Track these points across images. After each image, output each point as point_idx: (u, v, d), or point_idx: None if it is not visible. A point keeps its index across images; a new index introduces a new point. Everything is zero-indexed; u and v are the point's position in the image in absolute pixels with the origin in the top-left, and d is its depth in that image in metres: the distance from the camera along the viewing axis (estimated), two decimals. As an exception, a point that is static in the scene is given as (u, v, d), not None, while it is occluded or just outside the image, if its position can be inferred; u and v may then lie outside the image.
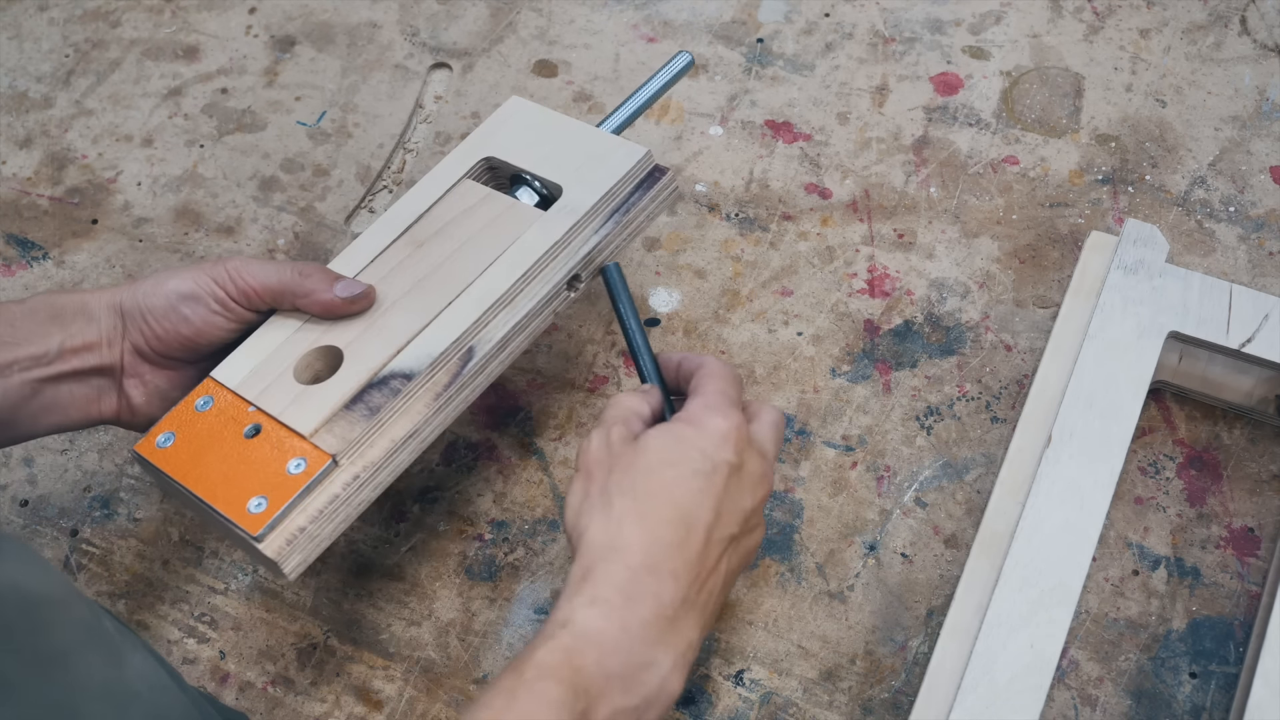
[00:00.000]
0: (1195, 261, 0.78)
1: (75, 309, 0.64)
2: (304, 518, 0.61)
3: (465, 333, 0.65)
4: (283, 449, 0.62)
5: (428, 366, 0.64)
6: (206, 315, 0.64)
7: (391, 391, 0.63)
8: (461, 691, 0.68)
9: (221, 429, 0.64)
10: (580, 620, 0.51)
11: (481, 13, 0.95)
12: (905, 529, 0.71)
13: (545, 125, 0.72)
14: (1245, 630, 0.67)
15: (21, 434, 0.64)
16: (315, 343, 0.65)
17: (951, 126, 0.85)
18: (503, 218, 0.68)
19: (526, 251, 0.67)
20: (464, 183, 0.70)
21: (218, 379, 0.65)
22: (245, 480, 0.62)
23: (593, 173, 0.69)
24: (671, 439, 0.57)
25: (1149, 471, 0.72)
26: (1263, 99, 0.85)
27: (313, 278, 0.65)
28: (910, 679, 0.67)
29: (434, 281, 0.67)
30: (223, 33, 0.96)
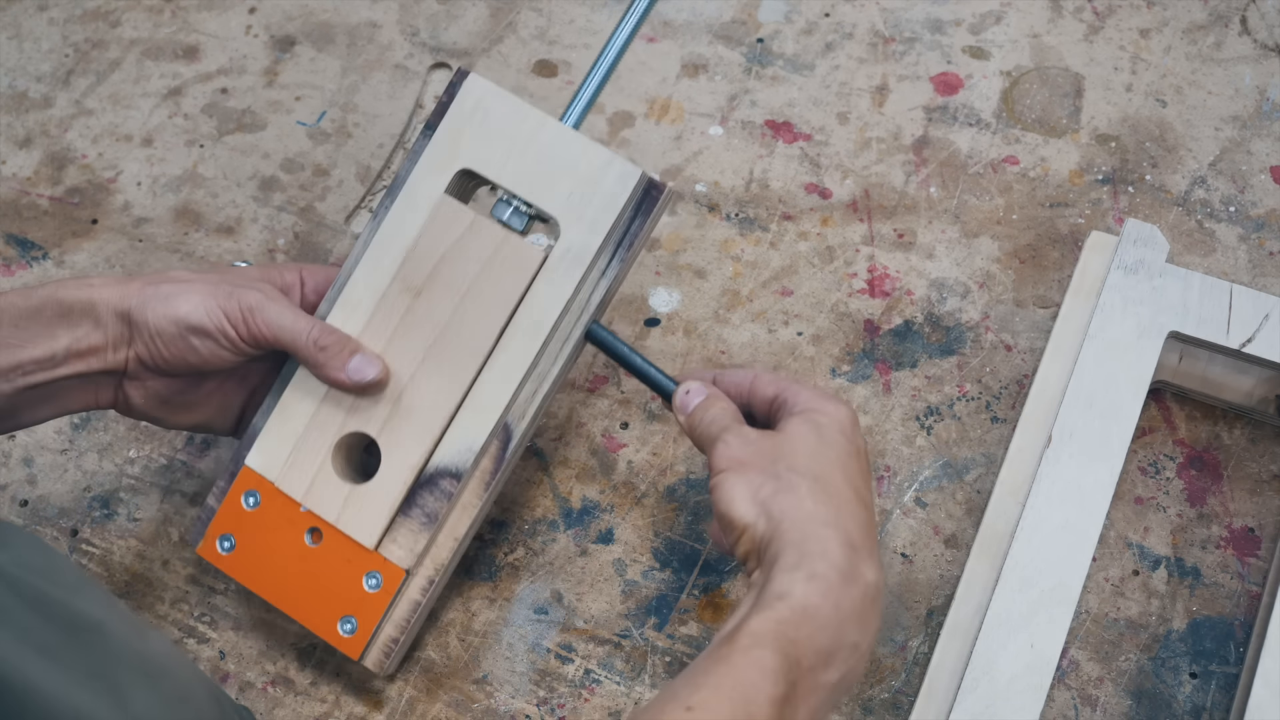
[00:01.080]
0: (1195, 261, 0.78)
1: (82, 310, 0.62)
2: (393, 629, 0.64)
3: (501, 415, 0.63)
4: (352, 562, 0.64)
5: (472, 462, 0.63)
6: (215, 350, 0.63)
7: (444, 494, 0.63)
8: (461, 691, 0.68)
9: (280, 533, 0.64)
10: (799, 595, 0.51)
11: (481, 13, 0.95)
12: (905, 529, 0.71)
13: (516, 123, 0.65)
14: (1245, 630, 0.67)
15: (17, 425, 0.64)
16: (343, 427, 0.65)
17: (951, 126, 0.85)
18: (501, 256, 0.64)
19: (542, 312, 0.63)
20: (445, 202, 0.65)
21: (255, 469, 0.65)
22: (324, 597, 0.64)
23: (588, 203, 0.63)
24: (811, 425, 0.58)
25: (1149, 471, 0.72)
26: (1263, 99, 0.85)
27: (327, 350, 0.63)
28: (910, 679, 0.67)
29: (448, 346, 0.64)
30: (223, 33, 0.96)
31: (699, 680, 0.49)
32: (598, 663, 0.68)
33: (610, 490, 0.74)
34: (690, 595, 0.70)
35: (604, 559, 0.71)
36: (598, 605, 0.70)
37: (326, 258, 0.84)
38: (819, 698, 0.51)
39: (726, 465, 0.57)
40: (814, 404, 0.59)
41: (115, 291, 0.63)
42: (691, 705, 0.48)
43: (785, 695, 0.49)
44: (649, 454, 0.75)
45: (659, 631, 0.69)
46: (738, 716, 0.48)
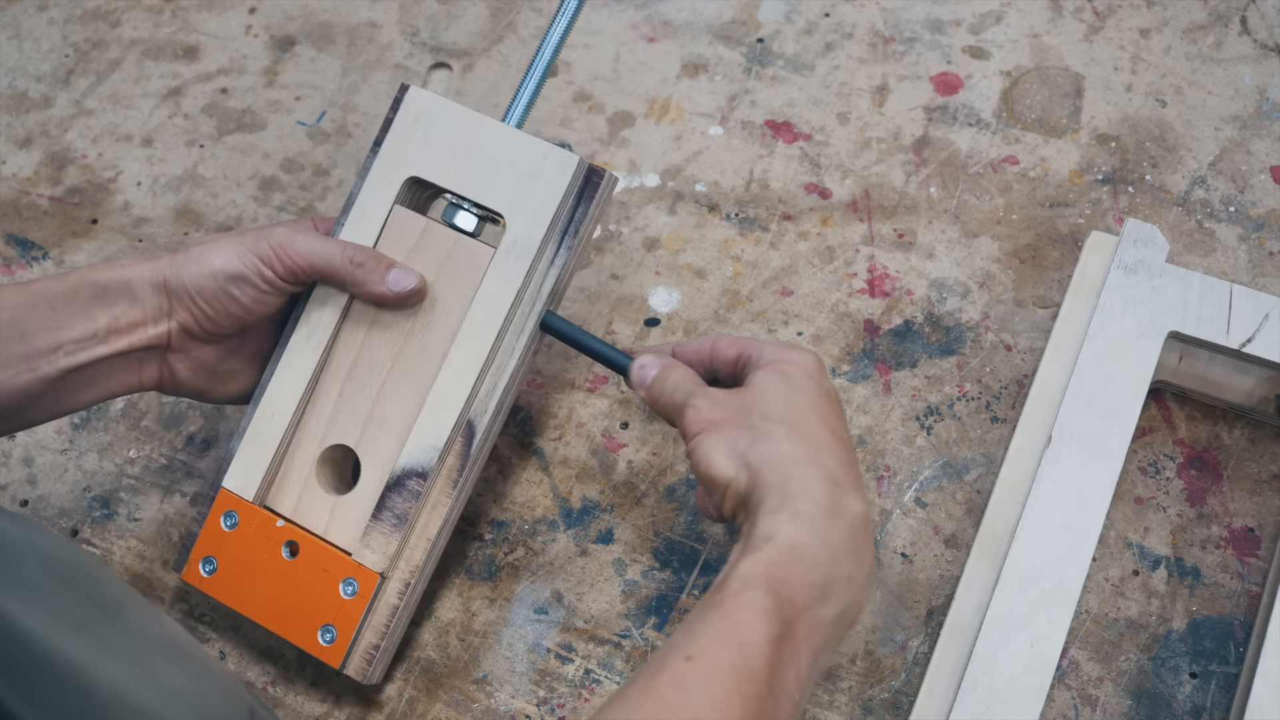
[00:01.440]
0: (1195, 261, 0.78)
1: (118, 288, 0.63)
2: (374, 635, 0.64)
3: (461, 413, 0.64)
4: (329, 571, 0.64)
5: (437, 460, 0.64)
6: (255, 294, 0.64)
7: (412, 494, 0.64)
8: (461, 691, 0.68)
9: (260, 550, 0.65)
10: (784, 535, 0.52)
11: (481, 13, 0.95)
12: (905, 529, 0.71)
13: (458, 128, 0.66)
14: (1245, 630, 0.67)
15: (61, 410, 0.64)
16: (323, 442, 0.66)
17: (951, 126, 0.85)
18: (454, 258, 0.66)
19: (493, 305, 0.64)
20: (397, 211, 0.67)
21: (232, 490, 0.66)
22: (304, 608, 0.64)
23: (529, 195, 0.65)
24: (779, 374, 0.58)
25: (1149, 471, 0.72)
26: (1263, 99, 0.85)
27: (364, 266, 0.64)
28: (910, 679, 0.67)
29: (412, 352, 0.65)
30: (223, 33, 0.96)
31: (695, 629, 0.50)
32: (598, 663, 0.68)
33: (610, 490, 0.74)
34: (690, 595, 0.70)
35: (604, 559, 0.71)
36: (598, 605, 0.70)
37: (326, 258, 0.84)
38: (821, 634, 0.52)
39: (700, 427, 0.57)
40: (778, 354, 0.60)
41: (148, 267, 0.63)
42: (690, 654, 0.49)
43: (781, 634, 0.50)
44: (649, 454, 0.75)
45: (659, 631, 0.69)
46: (735, 659, 0.49)
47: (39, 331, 0.61)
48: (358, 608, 0.64)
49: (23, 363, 0.61)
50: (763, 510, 0.53)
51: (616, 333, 0.79)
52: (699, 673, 0.48)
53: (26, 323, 0.61)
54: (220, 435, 0.77)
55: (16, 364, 0.60)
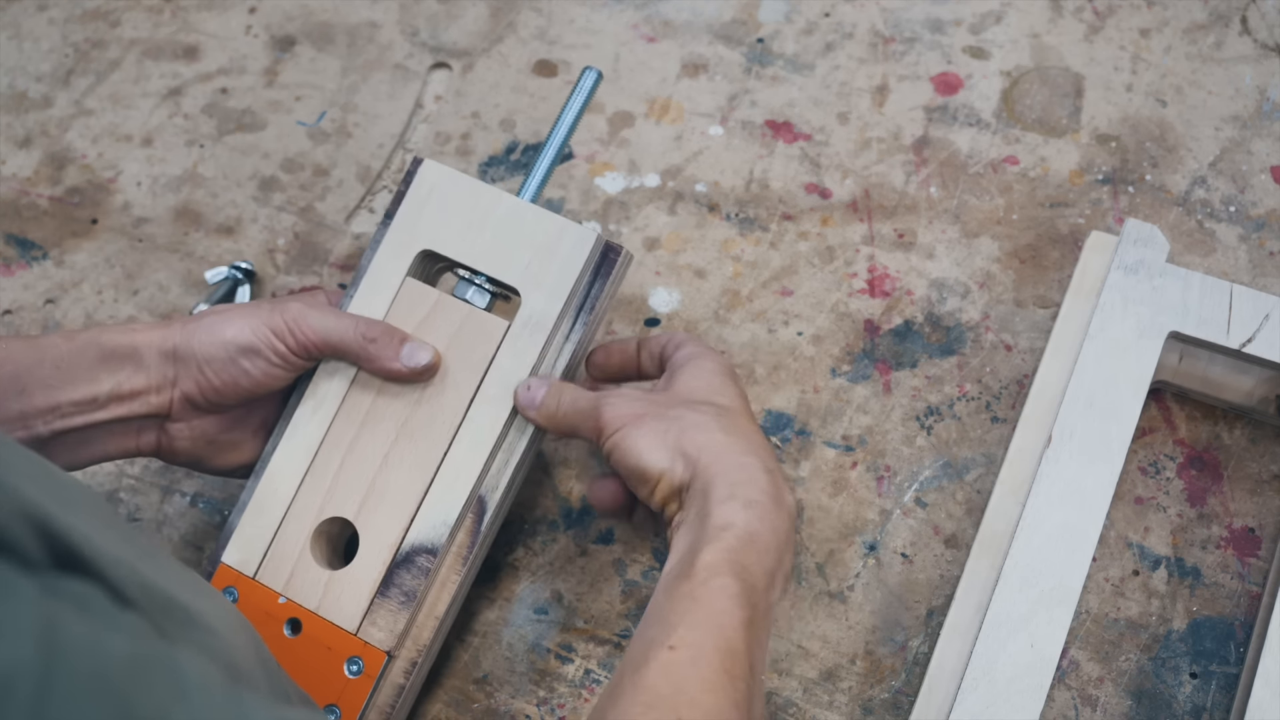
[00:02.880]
0: (1195, 261, 0.78)
1: (125, 353, 0.62)
2: (378, 716, 0.63)
3: (473, 488, 0.63)
4: (333, 649, 0.62)
5: (447, 537, 0.62)
6: (266, 368, 0.62)
7: (421, 571, 0.62)
8: (461, 691, 0.68)
9: (261, 627, 0.62)
10: (741, 523, 0.53)
11: (481, 13, 0.95)
12: (905, 529, 0.71)
13: (472, 201, 0.66)
14: (1246, 630, 0.67)
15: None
16: (320, 514, 0.64)
17: (951, 126, 0.85)
18: (466, 331, 0.65)
19: (506, 382, 0.63)
20: (409, 284, 0.66)
21: (231, 565, 0.64)
22: (307, 688, 0.61)
23: (546, 270, 0.64)
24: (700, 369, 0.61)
25: (1149, 471, 0.72)
26: (1263, 99, 0.85)
27: (378, 342, 0.63)
28: (910, 679, 0.67)
29: (419, 424, 0.64)
30: (223, 33, 0.96)
31: (671, 620, 0.51)
32: (598, 663, 0.68)
33: (610, 490, 0.74)
34: (690, 595, 0.70)
35: (604, 559, 0.71)
36: (598, 605, 0.70)
37: (326, 258, 0.84)
38: (769, 619, 0.54)
39: (621, 423, 0.58)
40: (697, 349, 0.63)
41: (157, 334, 0.62)
42: (673, 644, 0.50)
43: (750, 618, 0.52)
44: (649, 454, 0.75)
45: (659, 631, 0.69)
46: (718, 643, 0.50)
47: (40, 389, 0.60)
48: (363, 687, 0.62)
49: (18, 420, 0.59)
50: (713, 499, 0.54)
51: (616, 333, 0.79)
52: (685, 660, 0.49)
53: (28, 379, 0.60)
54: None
55: (12, 421, 0.59)
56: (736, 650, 0.50)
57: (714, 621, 0.51)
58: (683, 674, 0.49)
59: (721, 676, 0.49)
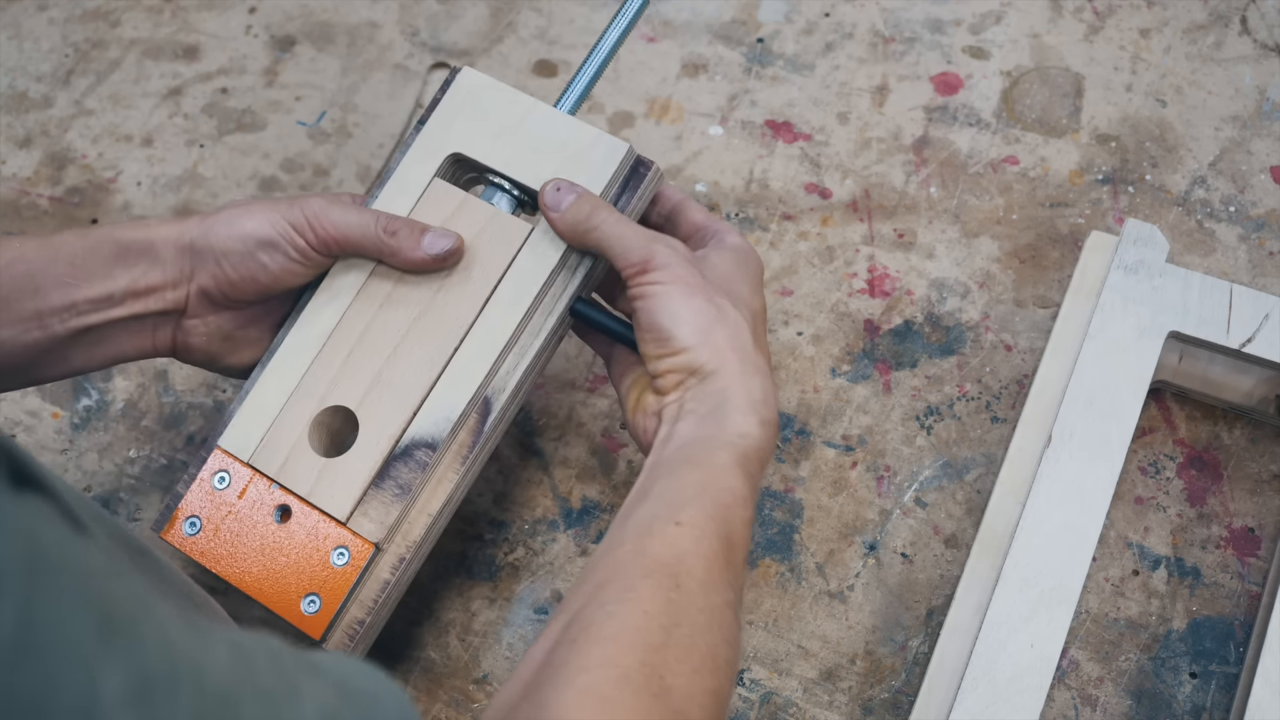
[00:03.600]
0: (1195, 261, 0.78)
1: (141, 248, 0.61)
2: (360, 610, 0.61)
3: (480, 387, 0.62)
4: (320, 537, 0.61)
5: (449, 432, 0.61)
6: (284, 263, 0.61)
7: (419, 465, 0.61)
8: (461, 691, 0.68)
9: (249, 513, 0.62)
10: (756, 436, 0.56)
11: (481, 13, 0.95)
12: (905, 529, 0.71)
13: (508, 109, 0.66)
14: (1245, 630, 0.67)
15: (71, 370, 0.62)
16: (322, 402, 0.63)
17: (951, 126, 0.85)
18: (489, 233, 0.64)
19: (524, 284, 0.62)
20: (436, 184, 0.65)
21: (228, 449, 0.62)
22: (289, 575, 0.61)
23: (574, 178, 0.63)
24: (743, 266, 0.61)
25: (1149, 471, 0.72)
26: (1263, 99, 0.85)
27: (399, 234, 0.62)
28: (910, 679, 0.67)
29: (432, 321, 0.63)
30: (223, 32, 0.96)
31: (679, 501, 0.52)
32: (598, 663, 0.68)
33: (610, 490, 0.74)
34: (690, 595, 0.70)
35: (604, 559, 0.71)
36: (598, 605, 0.70)
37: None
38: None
39: (670, 278, 0.58)
40: (743, 245, 0.63)
41: (173, 229, 0.61)
42: (680, 520, 0.51)
43: (750, 519, 0.54)
44: (649, 454, 0.75)
45: (659, 631, 0.69)
46: (721, 531, 0.52)
47: (55, 288, 0.59)
48: (347, 577, 0.60)
49: (34, 319, 0.59)
50: (733, 405, 0.56)
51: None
52: (690, 537, 0.51)
53: (43, 278, 0.59)
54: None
55: (28, 320, 0.59)
56: (737, 543, 0.53)
57: (721, 514, 0.52)
58: (685, 547, 0.50)
59: (720, 559, 0.51)
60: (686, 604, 0.49)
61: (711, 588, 0.50)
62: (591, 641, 0.46)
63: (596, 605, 0.48)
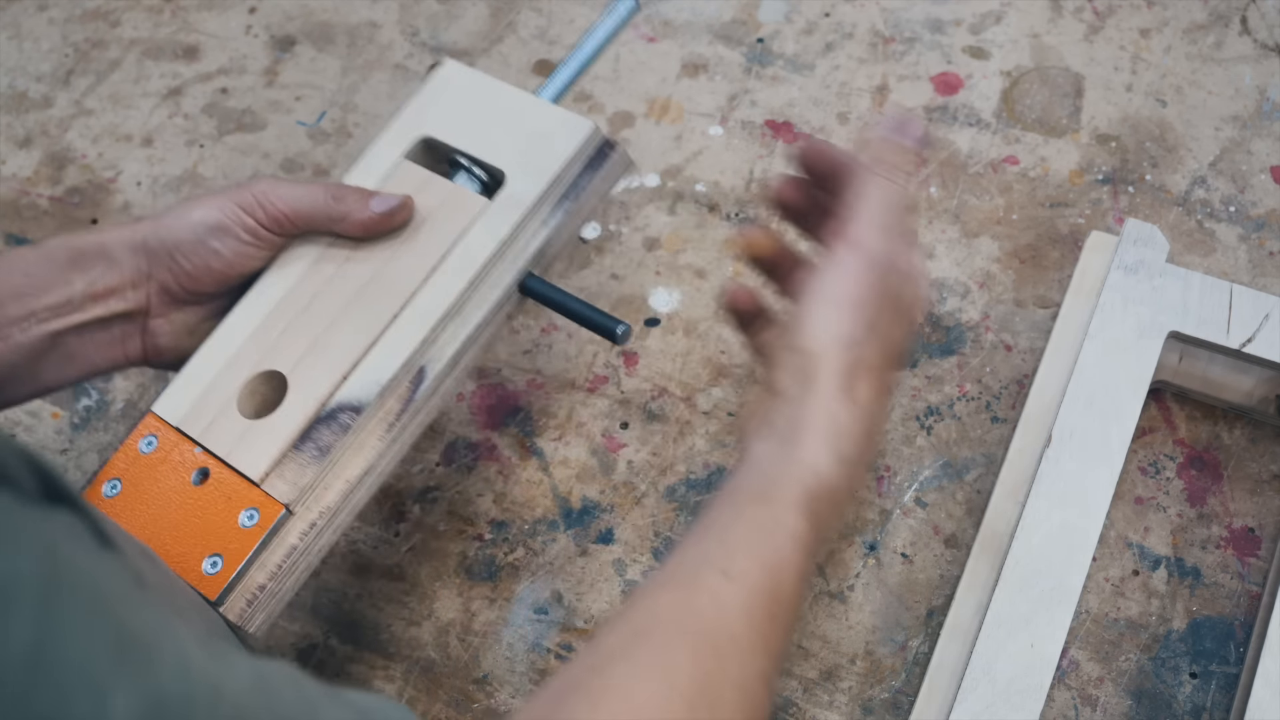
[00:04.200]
0: (1195, 261, 0.78)
1: (95, 252, 0.61)
2: (263, 574, 0.58)
3: (414, 353, 0.60)
4: (233, 498, 0.59)
5: (377, 396, 0.59)
6: (237, 246, 0.61)
7: (341, 427, 0.59)
8: (461, 691, 0.68)
9: (169, 475, 0.60)
10: (828, 474, 0.51)
11: (481, 13, 0.95)
12: (905, 529, 0.71)
13: (484, 96, 0.66)
14: (1246, 630, 0.67)
15: (43, 387, 0.62)
16: (257, 367, 0.61)
17: (951, 126, 0.85)
18: (445, 208, 0.63)
19: (472, 254, 0.62)
20: (403, 164, 0.65)
21: (159, 414, 0.61)
22: (197, 536, 0.58)
23: (537, 155, 0.63)
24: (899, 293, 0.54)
25: (1149, 471, 0.72)
26: (1263, 99, 0.85)
27: (346, 199, 0.62)
28: (910, 679, 0.67)
29: (376, 289, 0.62)
30: (223, 32, 0.96)
31: (732, 543, 0.49)
32: (598, 663, 0.68)
33: (610, 490, 0.74)
34: (690, 595, 0.70)
35: (604, 559, 0.71)
36: (598, 605, 0.70)
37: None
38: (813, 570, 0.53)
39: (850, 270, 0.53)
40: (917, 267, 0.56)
41: (125, 230, 0.61)
42: (729, 571, 0.48)
43: (806, 569, 0.50)
44: (649, 454, 0.75)
45: (659, 631, 0.69)
46: (773, 587, 0.49)
47: (11, 299, 0.59)
48: (252, 538, 0.57)
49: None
50: (811, 430, 0.51)
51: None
52: (737, 593, 0.48)
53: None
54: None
55: None
56: (787, 597, 0.49)
57: (776, 562, 0.49)
58: (730, 606, 0.48)
59: (765, 618, 0.48)
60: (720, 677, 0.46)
61: (750, 654, 0.47)
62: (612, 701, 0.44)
63: (627, 661, 0.46)
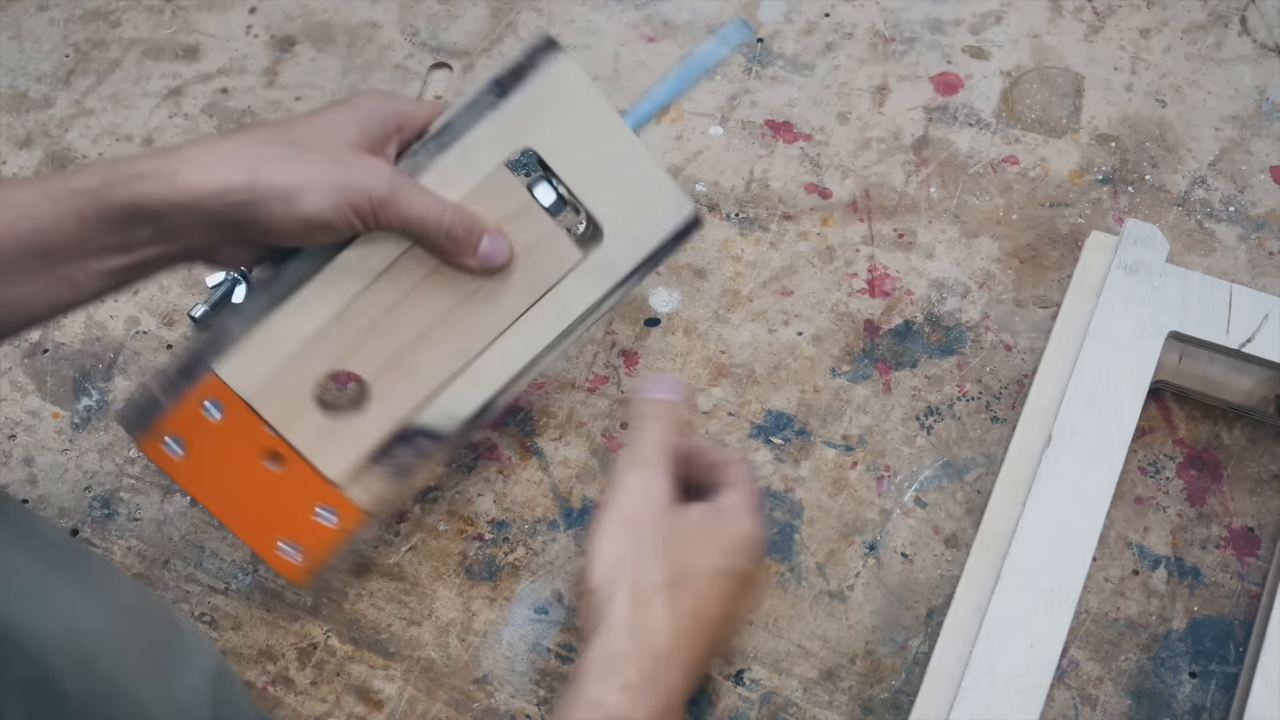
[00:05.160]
0: (1195, 261, 0.78)
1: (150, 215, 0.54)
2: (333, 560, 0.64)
3: (493, 395, 0.64)
4: (309, 490, 0.62)
5: (456, 430, 0.63)
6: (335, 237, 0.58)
7: (419, 452, 0.63)
8: (461, 691, 0.68)
9: (238, 447, 0.61)
10: (613, 705, 0.51)
11: (481, 13, 0.95)
12: (905, 529, 0.71)
13: (594, 123, 0.63)
14: (1245, 630, 0.67)
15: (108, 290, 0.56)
16: (337, 363, 0.62)
17: (951, 126, 0.85)
18: (541, 248, 0.63)
19: (561, 311, 0.64)
20: (501, 173, 0.62)
21: (226, 380, 0.60)
22: (271, 516, 0.61)
23: (636, 222, 0.64)
24: (713, 532, 0.56)
25: (1149, 471, 0.72)
26: (1263, 99, 0.85)
27: (459, 241, 0.60)
28: (910, 679, 0.67)
29: (464, 318, 0.63)
30: (223, 33, 0.96)
31: None
32: (598, 663, 0.68)
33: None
34: (690, 595, 0.70)
35: (604, 559, 0.71)
36: (598, 605, 0.70)
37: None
38: None
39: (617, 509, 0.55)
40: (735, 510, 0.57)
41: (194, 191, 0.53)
42: None
43: None
44: (649, 454, 0.75)
45: (659, 631, 0.69)
46: None
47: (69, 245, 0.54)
48: (331, 536, 0.62)
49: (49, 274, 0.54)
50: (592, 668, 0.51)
51: (616, 332, 0.79)
52: None
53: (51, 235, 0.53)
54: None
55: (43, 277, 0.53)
56: None
57: None
58: None
59: None
60: None
61: None
62: None
63: None
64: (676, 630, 0.53)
